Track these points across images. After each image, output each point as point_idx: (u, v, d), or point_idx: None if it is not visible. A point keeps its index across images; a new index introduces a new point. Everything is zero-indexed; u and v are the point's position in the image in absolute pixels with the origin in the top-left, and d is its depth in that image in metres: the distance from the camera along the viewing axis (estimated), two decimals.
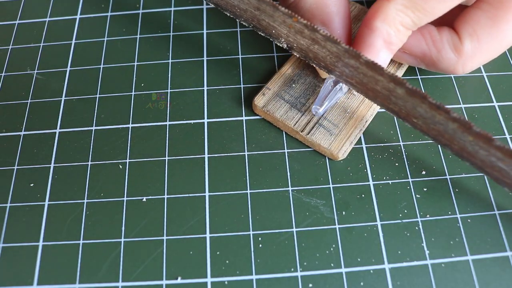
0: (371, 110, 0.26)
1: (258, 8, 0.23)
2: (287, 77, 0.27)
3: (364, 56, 0.21)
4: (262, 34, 0.25)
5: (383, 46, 0.23)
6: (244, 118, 0.27)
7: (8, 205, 0.25)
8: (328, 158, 0.25)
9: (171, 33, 0.31)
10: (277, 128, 0.26)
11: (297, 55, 0.25)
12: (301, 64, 0.28)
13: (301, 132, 0.25)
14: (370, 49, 0.23)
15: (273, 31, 0.24)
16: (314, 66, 0.25)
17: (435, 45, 0.24)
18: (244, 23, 0.26)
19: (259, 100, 0.26)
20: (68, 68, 0.29)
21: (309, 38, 0.23)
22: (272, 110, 0.26)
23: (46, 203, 0.25)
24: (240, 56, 0.29)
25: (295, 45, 0.24)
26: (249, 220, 0.24)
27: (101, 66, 0.29)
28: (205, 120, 0.27)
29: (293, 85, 0.27)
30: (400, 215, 0.24)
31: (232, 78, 0.28)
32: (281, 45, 0.25)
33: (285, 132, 0.26)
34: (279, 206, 0.24)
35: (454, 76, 0.28)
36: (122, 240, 0.23)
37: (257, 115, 0.27)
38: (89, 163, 0.26)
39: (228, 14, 0.26)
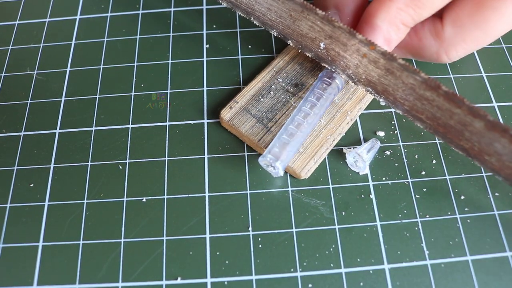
0: (339, 129, 0.25)
1: (331, 36, 0.22)
2: (256, 91, 0.27)
3: (443, 86, 0.20)
4: (324, 65, 0.24)
5: (383, 44, 0.23)
6: None
7: (8, 205, 0.25)
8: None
9: (171, 34, 0.31)
10: None
11: (361, 88, 0.24)
12: (271, 79, 0.27)
13: (265, 148, 0.24)
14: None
15: (341, 62, 0.23)
16: (376, 98, 0.24)
17: (416, 34, 0.24)
18: (309, 55, 0.24)
19: (226, 113, 0.26)
20: (68, 69, 0.29)
21: (383, 69, 0.22)
22: (237, 124, 0.25)
23: (46, 203, 0.25)
24: (240, 57, 0.29)
25: (363, 77, 0.23)
26: (249, 220, 0.24)
27: (101, 66, 0.29)
28: (205, 121, 0.27)
29: (262, 99, 0.26)
30: (400, 215, 0.24)
31: (232, 79, 0.29)
32: (343, 76, 0.24)
33: None
34: (279, 206, 0.24)
35: (453, 77, 0.28)
36: (122, 240, 0.24)
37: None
38: (89, 163, 0.26)
39: (291, 43, 0.25)
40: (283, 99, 0.26)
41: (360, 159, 0.24)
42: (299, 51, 0.26)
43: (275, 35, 0.25)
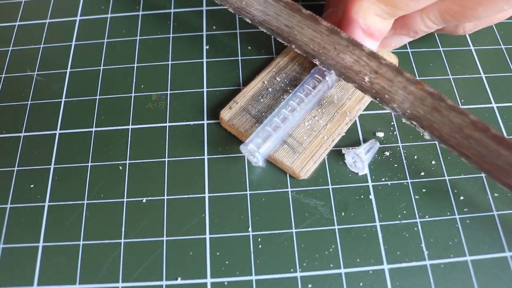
0: (338, 129, 0.25)
1: (377, 71, 0.22)
2: (256, 92, 0.27)
3: (492, 129, 0.20)
4: (372, 98, 0.24)
5: (364, 36, 0.23)
6: None
7: (8, 206, 0.25)
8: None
9: (171, 35, 0.31)
10: None
11: (405, 121, 0.23)
12: (271, 79, 0.27)
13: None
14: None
15: (386, 96, 0.23)
16: (421, 132, 0.23)
17: None
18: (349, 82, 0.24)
19: (225, 114, 0.26)
20: (68, 70, 0.30)
21: (430, 107, 0.21)
22: (237, 124, 0.26)
23: (46, 204, 0.25)
24: (239, 58, 0.29)
25: (408, 111, 0.22)
26: (249, 221, 0.24)
27: (101, 67, 0.29)
28: (205, 122, 0.27)
29: (261, 99, 0.26)
30: (399, 216, 0.24)
31: (231, 80, 0.29)
32: (386, 108, 0.23)
33: None
34: (279, 207, 0.24)
35: (452, 78, 0.28)
36: (122, 241, 0.24)
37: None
38: (89, 164, 0.26)
39: (333, 73, 0.25)
40: (283, 99, 0.26)
41: (359, 159, 0.25)
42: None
43: (317, 64, 0.25)
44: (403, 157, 0.26)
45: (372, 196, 0.24)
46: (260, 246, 0.23)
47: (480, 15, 0.23)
